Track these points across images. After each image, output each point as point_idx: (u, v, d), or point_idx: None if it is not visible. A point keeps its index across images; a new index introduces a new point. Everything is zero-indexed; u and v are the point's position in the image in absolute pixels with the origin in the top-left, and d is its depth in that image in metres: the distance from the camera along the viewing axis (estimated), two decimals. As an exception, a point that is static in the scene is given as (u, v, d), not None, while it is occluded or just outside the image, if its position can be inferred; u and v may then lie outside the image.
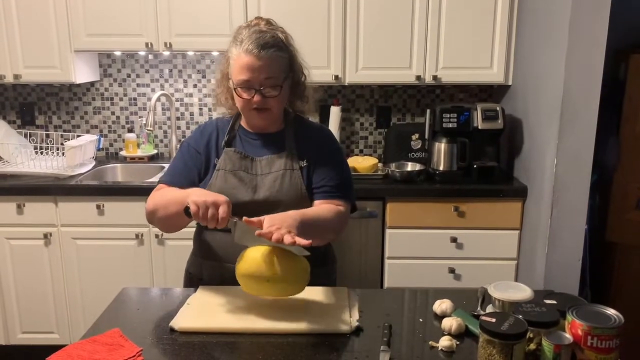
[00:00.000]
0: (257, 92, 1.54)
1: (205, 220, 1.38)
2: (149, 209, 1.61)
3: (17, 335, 2.91)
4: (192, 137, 1.72)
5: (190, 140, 1.70)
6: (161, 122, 3.35)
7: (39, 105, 3.32)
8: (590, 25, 2.28)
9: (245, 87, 1.55)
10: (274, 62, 1.54)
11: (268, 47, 1.53)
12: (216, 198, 1.39)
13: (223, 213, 1.38)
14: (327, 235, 1.58)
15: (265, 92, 1.55)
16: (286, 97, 1.63)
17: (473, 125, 2.84)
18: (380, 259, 2.82)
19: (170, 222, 1.59)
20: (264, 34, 1.55)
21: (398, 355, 1.26)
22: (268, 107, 1.57)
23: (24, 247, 2.80)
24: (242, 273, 1.40)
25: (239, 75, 1.54)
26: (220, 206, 1.38)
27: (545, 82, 2.54)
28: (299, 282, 1.41)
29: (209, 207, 1.37)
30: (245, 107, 1.59)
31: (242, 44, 1.53)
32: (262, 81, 1.53)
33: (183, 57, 3.26)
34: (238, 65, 1.54)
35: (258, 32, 1.55)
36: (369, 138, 3.36)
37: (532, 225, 2.65)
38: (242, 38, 1.54)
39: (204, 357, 1.25)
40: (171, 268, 2.78)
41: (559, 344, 1.11)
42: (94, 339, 1.29)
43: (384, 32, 2.87)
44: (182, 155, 1.69)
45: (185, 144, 1.70)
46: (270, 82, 1.54)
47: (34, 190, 2.74)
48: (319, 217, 1.53)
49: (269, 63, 1.53)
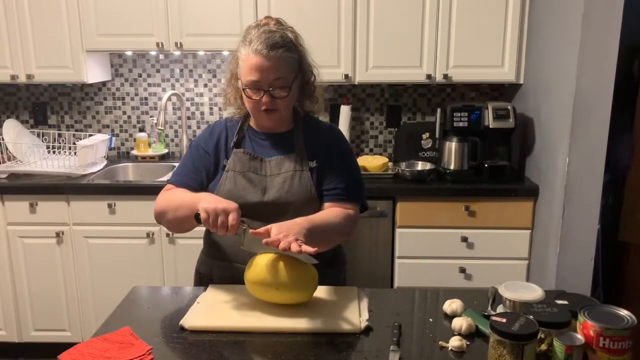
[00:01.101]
0: (265, 92, 1.54)
1: (215, 227, 1.40)
2: (157, 210, 1.62)
3: (30, 333, 2.94)
4: (201, 137, 1.71)
5: (200, 141, 1.70)
6: (172, 121, 3.36)
7: (52, 105, 3.35)
8: (603, 23, 2.25)
9: (254, 87, 1.54)
10: (283, 62, 1.54)
11: (277, 48, 1.52)
12: (226, 206, 1.40)
13: (233, 221, 1.38)
14: (336, 240, 1.59)
15: (274, 93, 1.55)
16: (295, 97, 1.63)
17: (484, 124, 2.82)
18: (390, 259, 2.81)
19: (179, 225, 1.60)
20: (273, 34, 1.54)
21: (408, 355, 1.25)
22: (277, 108, 1.57)
23: (36, 245, 2.82)
24: (250, 280, 1.43)
25: (247, 75, 1.53)
26: (230, 214, 1.39)
27: (557, 81, 2.52)
28: (306, 290, 1.42)
29: (219, 215, 1.38)
30: (254, 108, 1.59)
31: (251, 44, 1.52)
32: (271, 82, 1.53)
33: (194, 56, 3.27)
34: (247, 65, 1.53)
35: (267, 32, 1.54)
36: (379, 137, 3.35)
37: (543, 225, 2.63)
38: (251, 38, 1.54)
39: (213, 355, 1.25)
40: (182, 267, 2.79)
41: (571, 345, 1.10)
42: (104, 337, 1.30)
43: (394, 31, 2.86)
44: (191, 155, 1.69)
45: (194, 144, 1.70)
46: (279, 83, 1.54)
47: (47, 189, 2.76)
48: (327, 223, 1.52)
49: (278, 64, 1.52)
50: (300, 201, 1.58)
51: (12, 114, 3.36)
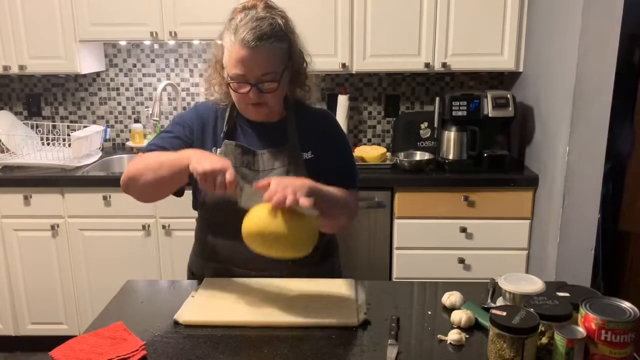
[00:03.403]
0: (252, 87, 1.45)
1: (213, 187, 1.31)
2: (129, 174, 1.49)
3: (26, 326, 2.93)
4: (186, 114, 1.60)
5: (185, 117, 1.59)
6: (167, 112, 3.33)
7: (45, 96, 3.31)
8: (604, 9, 2.22)
9: (241, 81, 1.45)
10: (272, 54, 1.44)
11: (265, 39, 1.41)
12: (222, 164, 1.31)
13: (230, 177, 1.29)
14: (339, 214, 1.49)
15: (262, 86, 1.45)
16: (285, 88, 1.54)
17: (483, 113, 2.79)
18: (388, 250, 2.79)
19: (158, 189, 1.49)
20: (262, 21, 1.43)
21: (406, 348, 1.23)
22: (265, 101, 1.48)
23: (31, 238, 2.80)
24: (247, 231, 1.33)
25: (233, 68, 1.44)
26: (227, 171, 1.30)
27: (557, 69, 2.49)
28: (306, 240, 1.33)
29: (217, 175, 1.29)
30: (241, 102, 1.50)
31: (237, 32, 1.42)
32: (258, 77, 1.44)
33: (188, 46, 3.23)
34: (232, 57, 1.43)
35: (255, 20, 1.43)
36: (377, 127, 3.32)
37: (543, 215, 2.61)
38: (236, 25, 1.43)
39: (208, 350, 1.23)
40: (178, 259, 2.77)
41: (572, 338, 1.08)
42: (97, 333, 1.27)
43: (392, 19, 2.82)
44: (172, 127, 1.58)
45: (178, 119, 1.59)
46: (267, 78, 1.45)
47: (41, 181, 2.73)
48: (332, 193, 1.45)
49: (266, 57, 1.43)
50: None
51: (6, 105, 3.32)
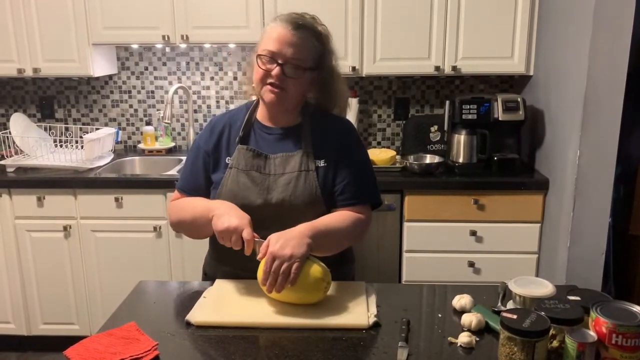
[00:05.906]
0: (278, 65, 1.50)
1: (229, 243, 1.41)
2: (173, 221, 1.64)
3: (38, 326, 2.95)
4: (202, 136, 1.67)
5: (200, 141, 1.66)
6: (179, 114, 3.35)
7: (58, 98, 3.35)
8: (615, 13, 2.21)
9: (269, 57, 1.50)
10: (306, 44, 1.52)
11: (304, 28, 1.52)
12: (238, 223, 1.40)
13: (248, 236, 1.39)
14: (345, 244, 1.57)
15: (287, 69, 1.50)
16: (306, 86, 1.57)
17: (493, 116, 2.79)
18: (398, 253, 2.79)
19: (199, 234, 1.61)
20: (304, 17, 1.56)
21: (416, 351, 1.24)
22: (284, 86, 1.51)
23: (44, 239, 2.83)
24: (261, 283, 1.40)
25: (266, 45, 1.51)
26: (244, 230, 1.39)
27: (568, 72, 2.48)
28: (317, 290, 1.39)
29: (232, 234, 1.39)
30: (261, 80, 1.53)
31: (278, 18, 1.54)
32: (287, 58, 1.49)
33: (200, 49, 3.25)
34: (269, 35, 1.52)
35: (299, 15, 1.56)
36: (386, 130, 3.32)
37: (553, 219, 2.60)
38: (281, 16, 1.55)
39: (219, 351, 1.24)
40: (189, 260, 2.79)
41: (583, 342, 1.08)
42: (110, 333, 1.29)
43: (402, 22, 2.82)
44: (190, 156, 1.67)
45: (195, 145, 1.67)
46: (295, 62, 1.50)
47: (54, 183, 2.76)
48: (333, 227, 1.49)
49: (300, 43, 1.50)
50: (304, 203, 1.53)
51: (20, 107, 3.36)
